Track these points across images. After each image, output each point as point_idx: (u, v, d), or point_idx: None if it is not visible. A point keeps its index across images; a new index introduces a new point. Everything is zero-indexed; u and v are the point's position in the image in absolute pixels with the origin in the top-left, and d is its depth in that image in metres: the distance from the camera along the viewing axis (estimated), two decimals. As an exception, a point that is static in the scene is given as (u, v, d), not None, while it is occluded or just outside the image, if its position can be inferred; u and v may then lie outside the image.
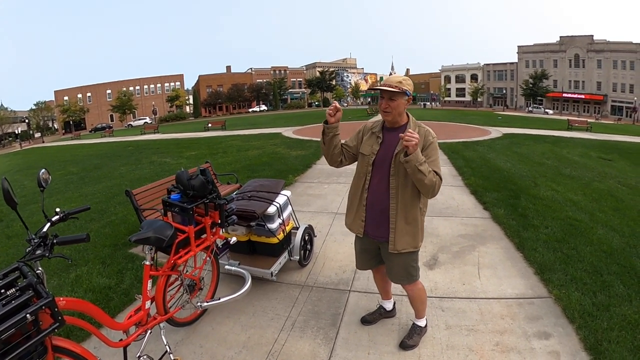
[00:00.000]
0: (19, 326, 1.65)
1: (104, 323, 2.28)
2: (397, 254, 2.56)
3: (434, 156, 2.39)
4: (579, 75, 64.19)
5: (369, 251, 2.81)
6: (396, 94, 2.35)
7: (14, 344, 1.66)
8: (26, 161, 21.14)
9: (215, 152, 14.39)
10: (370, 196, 2.58)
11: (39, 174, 2.17)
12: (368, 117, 36.61)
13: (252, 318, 3.26)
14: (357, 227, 2.70)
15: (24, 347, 1.67)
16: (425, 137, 2.40)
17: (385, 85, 2.36)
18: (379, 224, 2.57)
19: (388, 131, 2.54)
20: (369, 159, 2.56)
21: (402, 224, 2.49)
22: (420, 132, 2.41)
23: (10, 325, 1.61)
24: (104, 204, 7.37)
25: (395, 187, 2.47)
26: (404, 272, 2.67)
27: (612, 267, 3.96)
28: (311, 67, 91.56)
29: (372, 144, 2.57)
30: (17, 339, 1.68)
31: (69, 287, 3.82)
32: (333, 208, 6.32)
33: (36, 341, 1.73)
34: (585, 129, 26.17)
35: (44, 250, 1.94)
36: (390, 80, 2.38)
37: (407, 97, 2.39)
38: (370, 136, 2.62)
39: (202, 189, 2.86)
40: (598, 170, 10.03)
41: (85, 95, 71.03)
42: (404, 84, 2.35)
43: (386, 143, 2.52)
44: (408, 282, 2.71)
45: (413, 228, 2.52)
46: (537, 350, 2.74)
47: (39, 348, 1.79)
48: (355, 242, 2.90)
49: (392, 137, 2.48)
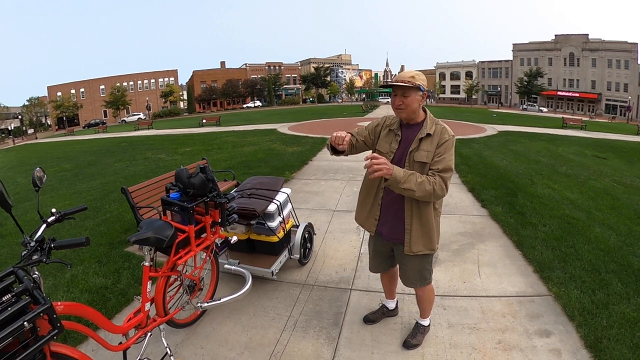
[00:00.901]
0: (16, 335, 1.58)
1: (103, 327, 2.22)
2: (412, 256, 2.50)
3: (445, 154, 2.29)
4: (573, 74, 64.58)
5: (382, 253, 2.75)
6: (409, 90, 2.27)
7: (12, 352, 1.60)
8: (19, 158, 20.85)
9: (211, 149, 14.31)
10: (386, 195, 2.50)
11: (33, 172, 2.09)
12: (363, 113, 36.64)
13: (253, 318, 3.22)
14: (369, 225, 2.64)
15: (22, 356, 1.61)
16: (440, 135, 2.32)
17: (397, 80, 2.28)
18: (393, 225, 2.51)
19: (406, 128, 2.46)
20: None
21: (417, 225, 2.43)
22: (437, 130, 2.34)
23: (7, 334, 1.54)
24: (99, 202, 7.28)
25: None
26: (418, 276, 2.63)
27: (610, 266, 3.97)
28: (306, 63, 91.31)
29: (391, 142, 2.48)
30: (15, 348, 1.61)
31: (64, 287, 3.75)
32: (331, 205, 6.29)
33: (34, 349, 1.66)
34: (579, 127, 26.25)
35: (41, 255, 1.84)
36: (403, 76, 2.30)
37: (421, 92, 2.31)
38: (388, 133, 2.52)
39: (203, 187, 2.81)
40: (593, 169, 10.08)
41: (79, 90, 70.22)
42: (416, 79, 2.27)
43: (404, 141, 2.44)
44: (421, 285, 2.67)
45: (428, 229, 2.44)
46: (538, 348, 2.75)
47: (37, 356, 1.72)
48: (369, 243, 2.85)
49: (409, 134, 2.42)
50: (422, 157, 2.31)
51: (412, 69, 2.27)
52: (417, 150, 2.34)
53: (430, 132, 2.33)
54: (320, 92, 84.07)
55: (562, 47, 65.62)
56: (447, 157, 2.28)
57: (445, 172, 2.26)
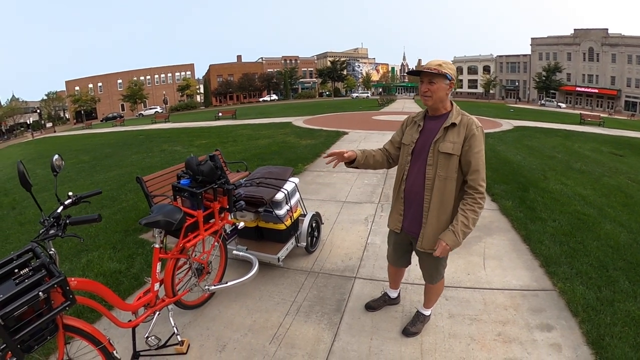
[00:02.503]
0: (32, 304, 1.70)
1: (113, 304, 2.35)
2: (426, 252, 2.47)
3: (477, 147, 2.24)
4: (592, 69, 62.86)
5: (402, 246, 2.73)
6: (436, 77, 2.24)
7: (26, 320, 1.72)
8: (38, 150, 21.40)
9: (226, 141, 14.48)
10: (407, 187, 2.47)
11: (52, 159, 2.25)
12: (379, 107, 36.45)
13: (258, 302, 3.32)
14: (394, 221, 2.63)
15: (36, 324, 1.73)
16: (468, 127, 2.26)
17: (425, 67, 2.26)
18: (414, 218, 2.47)
19: (430, 119, 2.43)
20: (408, 148, 2.47)
21: (433, 219, 2.36)
22: (463, 121, 2.29)
23: (23, 302, 1.67)
24: (115, 192, 7.48)
25: (432, 178, 2.33)
26: (435, 272, 2.63)
27: (618, 263, 3.92)
28: (322, 57, 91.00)
29: (412, 133, 2.47)
30: (30, 317, 1.74)
31: (80, 271, 3.92)
32: (341, 196, 6.36)
33: (48, 318, 1.79)
34: (597, 124, 25.66)
35: (57, 230, 1.99)
36: (430, 63, 2.27)
37: (448, 81, 2.26)
38: (412, 126, 2.52)
39: (211, 174, 2.91)
40: (609, 166, 9.90)
41: (97, 85, 71.44)
42: (444, 67, 2.23)
43: (426, 131, 2.41)
44: (437, 282, 2.69)
45: (443, 228, 2.35)
46: (539, 342, 2.74)
47: (50, 325, 1.86)
48: (389, 237, 2.83)
49: (433, 125, 2.38)
50: (447, 148, 2.26)
51: (438, 59, 2.28)
52: (443, 141, 2.29)
53: (456, 122, 2.28)
54: (336, 86, 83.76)
55: (581, 41, 63.90)
56: (480, 151, 2.26)
57: (478, 171, 2.26)
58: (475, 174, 2.25)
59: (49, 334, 1.86)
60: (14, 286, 1.71)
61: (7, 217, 6.59)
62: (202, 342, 2.83)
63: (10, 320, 1.63)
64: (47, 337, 1.85)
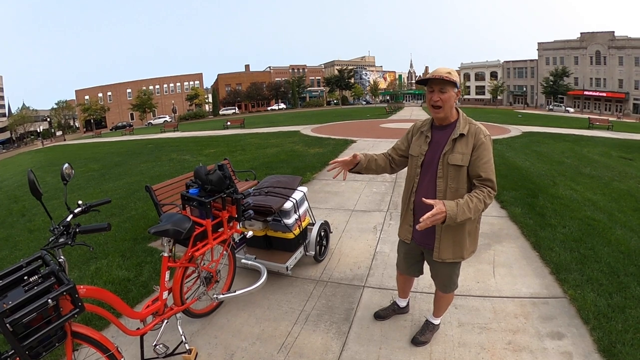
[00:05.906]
0: (41, 311, 1.72)
1: (122, 312, 2.36)
2: (441, 262, 2.45)
3: (486, 157, 2.21)
4: (600, 73, 62.41)
5: (412, 256, 2.71)
6: (447, 85, 2.20)
7: (35, 327, 1.74)
8: (48, 158, 21.63)
9: (234, 150, 14.54)
10: (418, 199, 2.41)
11: (62, 168, 2.28)
12: (387, 115, 36.47)
13: (266, 311, 3.32)
14: (404, 232, 2.60)
15: (44, 330, 1.75)
16: (476, 136, 2.23)
17: (436, 75, 2.20)
18: (425, 230, 2.33)
19: (437, 129, 2.40)
20: (417, 160, 2.43)
21: (448, 231, 2.34)
22: (471, 130, 2.26)
23: (32, 309, 1.68)
24: (124, 200, 7.54)
25: (443, 190, 2.30)
26: (449, 281, 2.60)
27: (630, 269, 3.87)
28: (329, 66, 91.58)
29: (421, 144, 2.43)
30: (38, 323, 1.75)
31: (88, 278, 3.96)
32: (350, 205, 6.36)
33: (56, 325, 1.80)
34: (606, 128, 25.42)
35: (67, 239, 2.02)
36: (439, 71, 2.22)
37: (456, 89, 2.23)
38: (419, 136, 2.49)
39: (220, 183, 2.93)
40: (618, 170, 9.78)
41: (106, 94, 72.54)
42: (452, 75, 2.20)
43: (434, 143, 2.38)
44: (450, 291, 2.67)
45: (460, 238, 2.36)
46: (549, 351, 2.71)
47: (58, 332, 1.87)
48: (399, 246, 2.80)
49: (441, 135, 2.35)
50: (456, 160, 2.24)
51: (445, 67, 2.24)
52: (452, 153, 2.26)
53: (464, 133, 2.25)
54: (344, 94, 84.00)
55: (588, 45, 63.50)
56: (488, 161, 2.22)
57: (490, 179, 2.21)
58: (490, 179, 2.21)
59: (57, 341, 1.87)
60: (23, 293, 1.73)
61: (17, 224, 6.66)
62: (210, 351, 2.84)
63: (19, 326, 1.65)
64: (55, 343, 1.86)
